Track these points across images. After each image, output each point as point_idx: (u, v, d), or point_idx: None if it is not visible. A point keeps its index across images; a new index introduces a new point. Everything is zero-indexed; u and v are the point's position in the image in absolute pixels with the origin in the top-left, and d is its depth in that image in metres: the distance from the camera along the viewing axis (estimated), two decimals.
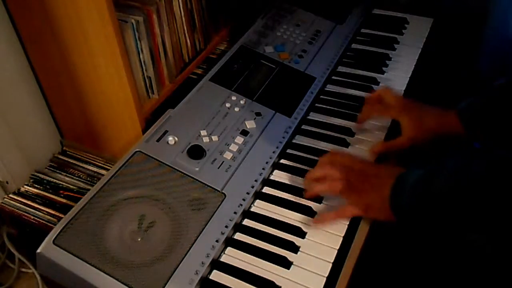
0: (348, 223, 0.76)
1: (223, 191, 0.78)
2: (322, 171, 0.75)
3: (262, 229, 0.76)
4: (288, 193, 0.81)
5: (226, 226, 0.74)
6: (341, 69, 1.06)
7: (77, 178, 0.98)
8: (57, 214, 0.90)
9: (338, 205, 0.74)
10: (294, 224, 0.76)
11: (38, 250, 0.69)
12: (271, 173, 0.84)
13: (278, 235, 0.75)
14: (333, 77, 1.03)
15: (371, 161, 0.81)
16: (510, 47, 1.06)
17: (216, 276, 0.70)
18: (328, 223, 0.74)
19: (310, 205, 0.78)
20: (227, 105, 0.90)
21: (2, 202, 0.93)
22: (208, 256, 0.70)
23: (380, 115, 0.89)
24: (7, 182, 0.96)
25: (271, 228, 0.76)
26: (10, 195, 0.94)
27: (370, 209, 0.70)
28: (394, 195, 0.67)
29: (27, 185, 0.97)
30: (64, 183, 0.97)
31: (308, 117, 0.95)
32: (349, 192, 0.71)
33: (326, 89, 1.01)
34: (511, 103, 0.75)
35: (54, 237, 0.69)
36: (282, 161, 0.86)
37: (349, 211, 0.73)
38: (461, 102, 0.80)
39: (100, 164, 1.01)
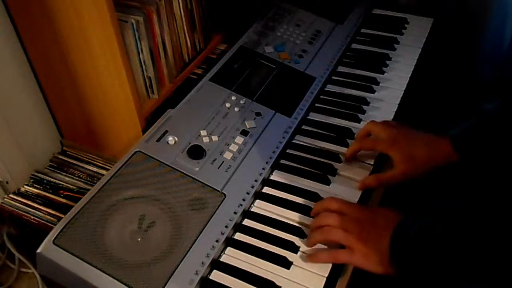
0: None
1: (223, 191, 0.78)
2: (319, 221, 0.74)
3: (262, 229, 0.76)
4: (288, 193, 0.81)
5: (226, 226, 0.74)
6: (341, 69, 1.06)
7: (77, 178, 0.98)
8: (57, 214, 0.90)
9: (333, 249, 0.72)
10: (294, 224, 0.76)
11: (38, 250, 0.69)
12: (271, 173, 0.84)
13: (278, 235, 0.75)
14: (333, 77, 1.03)
15: (364, 206, 0.77)
16: (508, 48, 1.06)
17: (216, 276, 0.70)
18: (321, 262, 0.72)
19: (310, 205, 0.78)
20: (227, 105, 0.90)
21: (2, 202, 0.93)
22: (208, 256, 0.70)
23: (369, 149, 0.85)
24: (7, 182, 0.96)
25: (271, 228, 0.76)
26: (10, 195, 0.94)
27: (367, 261, 0.68)
28: (394, 248, 0.65)
29: (27, 185, 0.97)
30: (64, 183, 0.97)
31: (308, 117, 0.95)
32: (346, 240, 0.70)
33: (326, 89, 1.01)
34: (504, 130, 0.73)
35: (54, 237, 0.69)
36: (282, 161, 0.86)
37: (345, 257, 0.70)
38: (453, 129, 0.78)
39: (100, 164, 1.01)
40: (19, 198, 0.94)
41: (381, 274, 0.67)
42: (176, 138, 0.83)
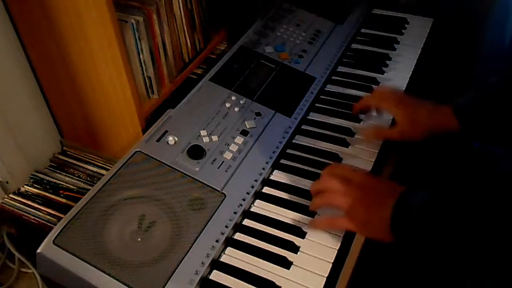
0: None
1: (223, 191, 0.78)
2: (321, 184, 0.74)
3: (262, 229, 0.76)
4: (288, 193, 0.81)
5: (226, 226, 0.74)
6: (341, 69, 1.06)
7: (77, 178, 0.98)
8: (57, 214, 0.90)
9: (332, 214, 0.73)
10: (294, 224, 0.76)
11: (38, 250, 0.69)
12: (271, 173, 0.84)
13: (278, 235, 0.75)
14: (333, 77, 1.03)
15: (370, 174, 0.78)
16: (508, 48, 1.06)
17: (216, 276, 0.70)
18: (321, 230, 0.73)
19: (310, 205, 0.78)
20: (227, 105, 0.90)
21: (2, 202, 0.93)
22: (208, 256, 0.70)
23: (375, 106, 0.89)
24: (7, 182, 0.96)
25: (271, 228, 0.76)
26: (10, 195, 0.94)
27: (366, 227, 0.68)
28: (396, 217, 0.65)
29: (27, 185, 0.97)
30: (64, 183, 0.97)
31: (308, 117, 0.95)
32: (347, 205, 0.70)
33: (326, 89, 1.01)
34: (507, 100, 0.75)
35: (54, 237, 0.69)
36: (282, 161, 0.86)
37: (343, 223, 0.71)
38: (457, 98, 0.80)
39: (100, 164, 1.01)
40: (19, 198, 0.94)
41: (379, 240, 0.67)
42: (176, 138, 0.83)
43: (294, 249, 0.73)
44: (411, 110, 0.82)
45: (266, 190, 0.82)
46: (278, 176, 0.84)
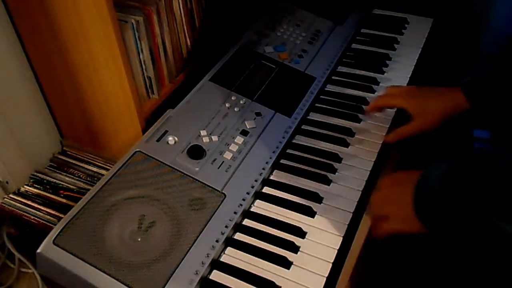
0: (348, 223, 0.76)
1: (223, 191, 0.78)
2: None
3: (262, 229, 0.76)
4: (288, 193, 0.81)
5: (226, 226, 0.74)
6: (341, 69, 1.06)
7: (77, 178, 0.98)
8: (57, 214, 0.90)
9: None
10: (294, 224, 0.76)
11: (38, 250, 0.69)
12: (271, 173, 0.84)
13: (278, 235, 0.75)
14: (333, 77, 1.03)
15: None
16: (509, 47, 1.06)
17: (216, 276, 0.70)
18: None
19: (310, 205, 0.78)
20: (227, 105, 0.90)
21: (2, 202, 0.93)
22: (208, 256, 0.70)
23: (385, 105, 0.91)
24: (7, 182, 0.96)
25: (271, 228, 0.76)
26: (10, 195, 0.94)
27: (396, 220, 0.69)
28: (418, 198, 0.65)
29: (27, 185, 0.97)
30: (64, 183, 0.97)
31: (308, 117, 0.95)
32: (381, 210, 0.73)
33: (326, 89, 1.01)
34: None
35: (54, 237, 0.69)
36: (282, 161, 0.86)
37: (382, 226, 0.72)
38: (465, 78, 0.82)
39: (100, 164, 1.01)
40: (19, 198, 0.94)
41: (409, 231, 0.67)
42: (176, 138, 0.83)
43: (294, 249, 0.73)
44: (421, 100, 0.84)
45: (266, 190, 0.82)
46: (278, 176, 0.84)
